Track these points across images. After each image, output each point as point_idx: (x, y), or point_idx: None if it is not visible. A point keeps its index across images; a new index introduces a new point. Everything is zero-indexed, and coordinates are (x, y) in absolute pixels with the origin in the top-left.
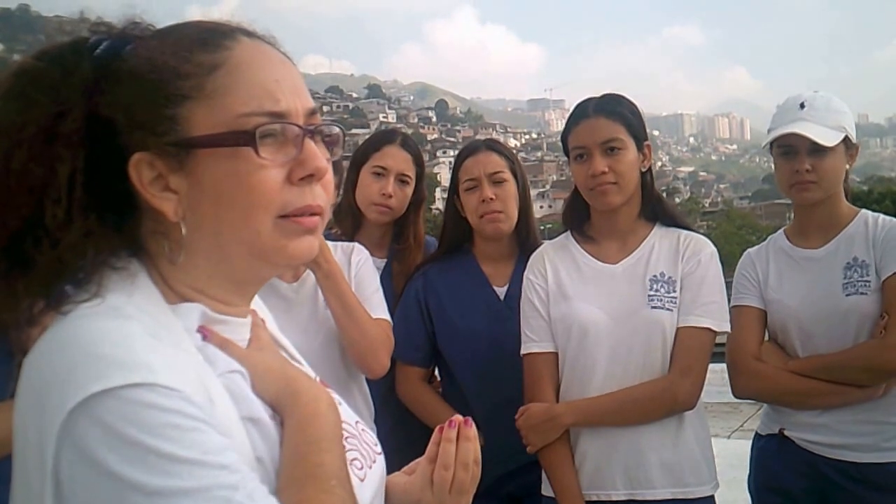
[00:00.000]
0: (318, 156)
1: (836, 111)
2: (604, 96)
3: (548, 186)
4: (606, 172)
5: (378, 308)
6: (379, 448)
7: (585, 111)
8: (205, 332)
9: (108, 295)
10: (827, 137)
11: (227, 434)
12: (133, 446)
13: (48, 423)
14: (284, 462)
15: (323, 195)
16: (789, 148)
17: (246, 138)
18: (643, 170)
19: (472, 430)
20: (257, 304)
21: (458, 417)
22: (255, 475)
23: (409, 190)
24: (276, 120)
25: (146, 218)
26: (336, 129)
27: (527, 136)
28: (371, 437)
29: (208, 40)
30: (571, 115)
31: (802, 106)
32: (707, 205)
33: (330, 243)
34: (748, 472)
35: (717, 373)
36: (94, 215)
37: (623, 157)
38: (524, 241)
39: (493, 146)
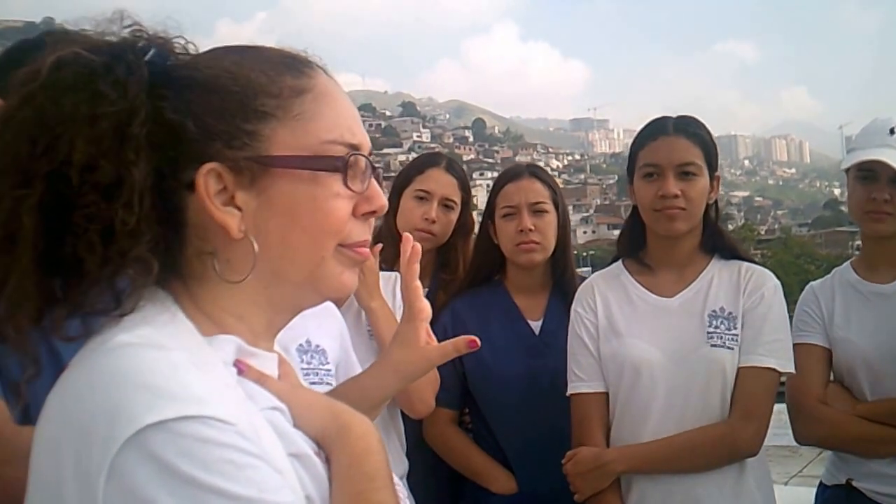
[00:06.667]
0: (382, 194)
1: None
2: (683, 116)
3: (591, 211)
4: (678, 196)
5: None
6: (410, 502)
7: (664, 128)
8: (241, 367)
9: (141, 325)
10: None
11: (280, 471)
12: (187, 484)
13: (96, 457)
14: (339, 499)
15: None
16: (870, 173)
17: (336, 165)
18: (710, 201)
19: None
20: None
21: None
22: None
23: (454, 216)
24: (355, 152)
25: (193, 236)
26: (377, 167)
27: (569, 158)
28: (402, 489)
29: (292, 65)
30: (646, 129)
31: (892, 132)
32: (763, 232)
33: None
34: None
35: (775, 413)
36: (160, 229)
37: (696, 184)
38: (560, 273)
39: (537, 173)
